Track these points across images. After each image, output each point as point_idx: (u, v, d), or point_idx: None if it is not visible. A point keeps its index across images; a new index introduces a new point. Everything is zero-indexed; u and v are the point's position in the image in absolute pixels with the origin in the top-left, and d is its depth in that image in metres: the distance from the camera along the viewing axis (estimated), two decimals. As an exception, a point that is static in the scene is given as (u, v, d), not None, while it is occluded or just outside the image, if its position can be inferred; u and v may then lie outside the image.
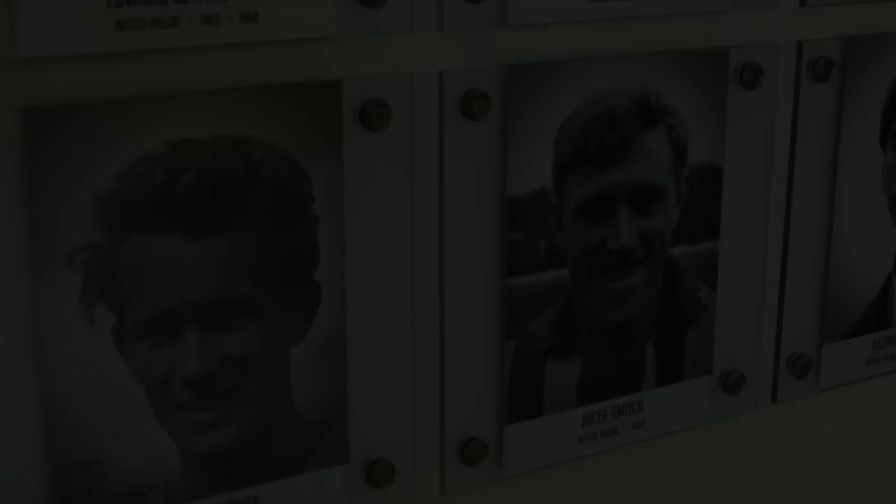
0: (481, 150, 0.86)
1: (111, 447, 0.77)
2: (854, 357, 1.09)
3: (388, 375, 0.86)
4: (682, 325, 0.98)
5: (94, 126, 0.72)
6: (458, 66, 0.84)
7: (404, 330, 0.86)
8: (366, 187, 0.82)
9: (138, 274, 0.76)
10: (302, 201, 0.80)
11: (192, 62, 0.75)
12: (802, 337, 1.06)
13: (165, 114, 0.74)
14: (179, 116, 0.75)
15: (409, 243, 0.85)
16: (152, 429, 0.78)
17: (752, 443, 1.08)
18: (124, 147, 0.74)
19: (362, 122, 0.81)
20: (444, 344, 0.88)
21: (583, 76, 0.88)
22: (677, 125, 0.94)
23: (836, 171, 1.03)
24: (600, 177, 0.91)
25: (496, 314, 0.89)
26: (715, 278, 0.99)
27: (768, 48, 0.97)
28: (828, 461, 1.13)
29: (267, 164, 0.78)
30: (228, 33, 0.75)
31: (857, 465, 1.15)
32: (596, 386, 0.95)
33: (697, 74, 0.94)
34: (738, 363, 1.02)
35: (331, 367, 0.83)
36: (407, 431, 0.88)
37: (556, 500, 0.97)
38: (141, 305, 0.76)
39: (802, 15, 0.98)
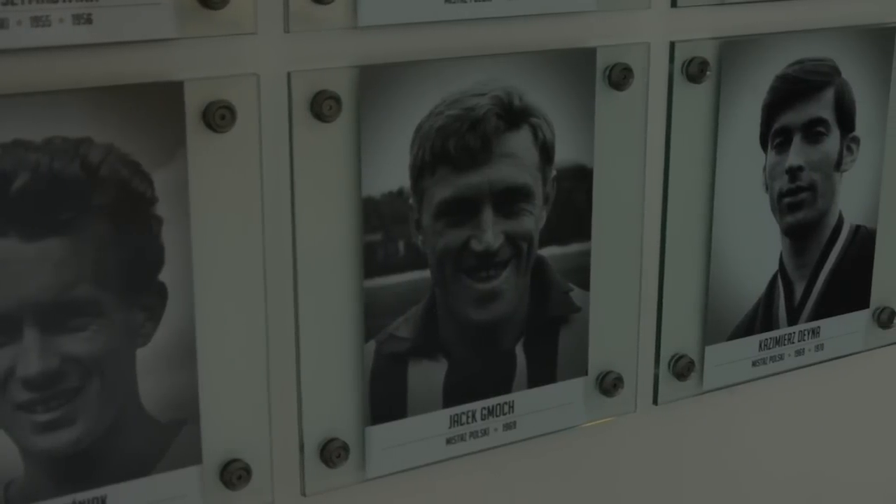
0: (333, 151, 0.86)
1: (-51, 448, 0.77)
2: (739, 358, 1.08)
3: (241, 376, 0.86)
4: (554, 325, 0.98)
5: (-79, 128, 0.73)
6: (306, 68, 0.84)
7: (257, 330, 0.86)
8: (212, 189, 0.82)
9: (-28, 275, 0.76)
10: (144, 203, 0.80)
11: (22, 64, 0.75)
12: (684, 338, 1.06)
13: (-4, 115, 0.75)
14: (11, 118, 0.75)
15: (260, 244, 0.85)
16: (-9, 429, 0.78)
17: (633, 444, 1.07)
18: (-46, 148, 0.74)
19: (206, 124, 0.81)
20: (299, 345, 0.88)
21: (439, 77, 0.88)
22: (543, 126, 0.93)
23: (714, 171, 1.03)
24: (461, 178, 0.91)
25: (354, 315, 0.89)
26: (588, 279, 0.99)
27: (638, 49, 0.97)
28: (711, 463, 1.13)
29: (105, 165, 0.78)
30: (60, 35, 0.75)
31: (742, 467, 1.15)
32: (463, 387, 0.95)
33: (564, 75, 0.93)
34: (615, 364, 1.02)
35: (180, 368, 0.83)
36: (263, 432, 0.87)
37: (422, 501, 0.97)
38: (-24, 307, 0.76)
39: (673, 15, 0.98)
